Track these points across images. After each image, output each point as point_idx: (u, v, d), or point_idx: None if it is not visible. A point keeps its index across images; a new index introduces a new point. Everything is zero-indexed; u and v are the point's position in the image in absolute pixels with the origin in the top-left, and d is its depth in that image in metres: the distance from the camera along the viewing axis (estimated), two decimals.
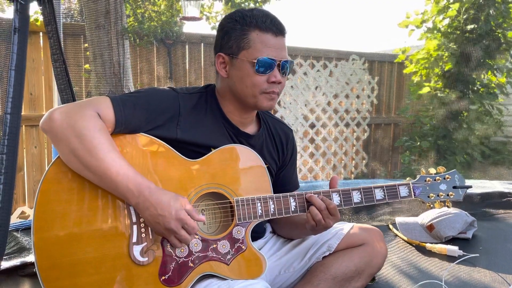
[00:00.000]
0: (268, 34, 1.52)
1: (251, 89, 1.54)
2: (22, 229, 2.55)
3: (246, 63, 1.52)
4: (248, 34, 1.52)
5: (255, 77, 1.53)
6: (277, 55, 1.53)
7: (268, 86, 1.54)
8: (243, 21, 1.53)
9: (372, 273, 1.80)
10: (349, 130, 6.15)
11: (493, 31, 5.35)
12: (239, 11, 1.58)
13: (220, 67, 1.59)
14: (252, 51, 1.51)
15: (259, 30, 1.52)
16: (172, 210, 1.33)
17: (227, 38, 1.55)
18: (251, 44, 1.52)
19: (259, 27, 1.52)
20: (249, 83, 1.54)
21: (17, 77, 1.96)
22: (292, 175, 1.87)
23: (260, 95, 1.55)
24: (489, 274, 2.29)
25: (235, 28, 1.54)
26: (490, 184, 3.86)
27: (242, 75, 1.54)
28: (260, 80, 1.53)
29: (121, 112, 1.42)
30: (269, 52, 1.51)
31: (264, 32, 1.52)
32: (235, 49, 1.54)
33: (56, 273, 1.36)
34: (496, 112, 5.75)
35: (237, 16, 1.55)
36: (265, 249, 1.80)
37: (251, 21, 1.52)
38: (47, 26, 2.22)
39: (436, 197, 1.72)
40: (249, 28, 1.52)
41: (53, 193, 1.38)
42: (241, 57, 1.53)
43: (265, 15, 1.55)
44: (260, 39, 1.51)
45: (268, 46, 1.52)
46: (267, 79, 1.53)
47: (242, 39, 1.52)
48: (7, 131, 1.94)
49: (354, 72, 6.05)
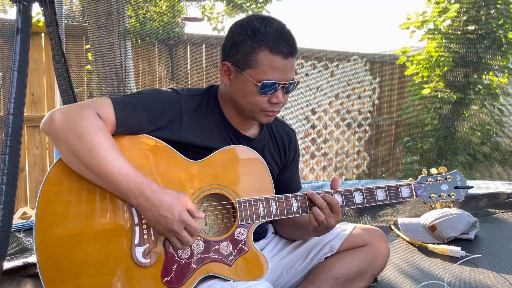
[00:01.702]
0: (278, 56, 1.46)
1: (251, 106, 1.54)
2: (24, 229, 2.55)
3: (250, 81, 1.48)
4: (257, 52, 1.46)
5: (257, 97, 1.50)
6: (283, 77, 1.49)
7: (268, 105, 1.53)
8: (254, 37, 1.46)
9: (374, 274, 1.80)
10: (351, 131, 6.15)
11: (494, 31, 5.34)
12: (252, 22, 1.49)
13: (224, 75, 1.56)
14: (258, 72, 1.47)
15: (269, 51, 1.45)
16: (174, 211, 1.33)
17: (235, 49, 1.49)
18: (258, 64, 1.46)
19: (270, 47, 1.45)
20: (250, 100, 1.52)
21: (20, 78, 1.96)
22: (294, 177, 1.87)
23: (260, 112, 1.55)
24: (492, 275, 2.28)
25: (244, 43, 1.47)
26: (492, 184, 3.86)
27: (244, 91, 1.51)
28: (261, 100, 1.51)
29: (122, 113, 1.41)
30: (275, 75, 1.47)
31: (274, 54, 1.45)
32: (242, 63, 1.49)
33: (58, 275, 1.36)
34: (498, 112, 5.74)
35: (249, 29, 1.48)
36: (267, 250, 1.80)
37: (262, 39, 1.45)
38: (48, 27, 2.22)
39: (438, 198, 1.72)
40: (259, 46, 1.46)
41: (54, 195, 1.38)
42: (246, 74, 1.49)
43: (278, 33, 1.47)
44: (269, 61, 1.46)
45: (276, 69, 1.47)
46: (268, 99, 1.51)
47: (250, 56, 1.47)
48: (10, 131, 1.93)
49: (356, 73, 6.05)
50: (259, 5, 5.14)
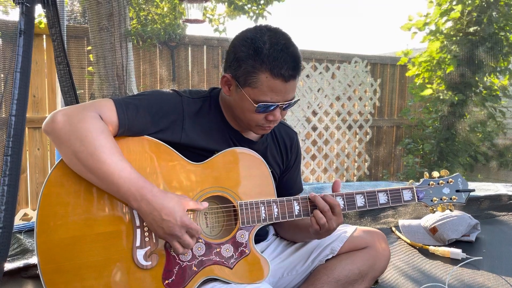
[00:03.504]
0: (278, 80, 1.43)
1: (248, 120, 1.54)
2: (25, 231, 2.55)
3: (248, 100, 1.48)
4: (258, 73, 1.43)
5: (254, 115, 1.50)
6: (281, 98, 1.47)
7: (265, 122, 1.53)
8: (256, 58, 1.42)
9: (375, 276, 1.79)
10: (352, 132, 6.15)
11: (495, 33, 5.34)
12: (255, 40, 1.44)
13: (224, 85, 1.55)
14: (257, 92, 1.46)
15: (269, 74, 1.42)
16: (176, 215, 1.33)
17: (237, 65, 1.47)
18: (257, 85, 1.45)
19: (271, 71, 1.42)
20: (247, 116, 1.52)
21: (22, 79, 1.96)
22: (296, 179, 1.87)
23: (256, 126, 1.56)
24: (493, 277, 2.28)
25: (246, 62, 1.44)
26: (493, 186, 3.85)
27: (242, 106, 1.51)
28: (258, 118, 1.52)
29: (124, 114, 1.41)
30: (274, 96, 1.46)
31: (274, 77, 1.43)
32: (242, 81, 1.47)
33: (59, 277, 1.35)
34: (499, 114, 5.74)
35: (252, 48, 1.44)
36: (267, 252, 1.80)
37: (264, 60, 1.42)
38: (51, 29, 2.22)
39: (439, 201, 1.72)
40: (260, 67, 1.42)
41: (56, 196, 1.37)
42: (245, 91, 1.47)
43: (282, 56, 1.42)
44: (268, 84, 1.44)
45: (275, 91, 1.45)
46: (265, 117, 1.52)
47: (250, 76, 1.45)
48: (12, 133, 1.93)
49: (357, 75, 6.05)
50: (261, 7, 5.14)
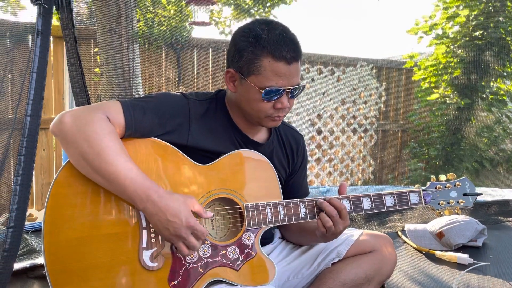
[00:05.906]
0: (281, 62, 1.44)
1: (256, 112, 1.54)
2: (31, 231, 2.56)
3: (254, 88, 1.48)
4: (260, 59, 1.45)
5: (262, 103, 1.50)
6: (287, 83, 1.48)
7: (274, 111, 1.53)
8: (257, 44, 1.45)
9: (381, 281, 1.78)
10: (357, 136, 6.13)
11: (502, 38, 5.32)
12: (254, 28, 1.48)
13: (229, 81, 1.56)
14: (262, 79, 1.46)
15: (271, 58, 1.44)
16: (182, 216, 1.33)
17: (239, 56, 1.49)
18: (261, 71, 1.46)
19: (272, 54, 1.44)
20: (255, 107, 1.52)
21: (39, 80, 1.95)
22: (302, 182, 1.86)
23: (265, 118, 1.55)
24: (500, 283, 2.26)
25: (247, 50, 1.47)
26: (500, 192, 3.84)
27: (249, 97, 1.51)
28: (266, 107, 1.51)
29: (131, 116, 1.42)
30: (278, 81, 1.46)
31: (276, 60, 1.44)
32: (245, 70, 1.48)
33: (66, 277, 1.36)
34: (505, 119, 5.71)
35: (251, 36, 1.47)
36: (273, 255, 1.80)
37: (264, 45, 1.44)
38: (64, 30, 2.24)
39: (446, 205, 1.71)
40: (261, 53, 1.45)
41: (63, 197, 1.38)
42: (250, 80, 1.48)
43: (281, 39, 1.45)
44: (271, 67, 1.45)
45: (279, 75, 1.46)
46: (273, 105, 1.51)
47: (253, 63, 1.46)
48: (26, 133, 1.92)
49: (362, 78, 6.03)
50: (267, 10, 5.16)
